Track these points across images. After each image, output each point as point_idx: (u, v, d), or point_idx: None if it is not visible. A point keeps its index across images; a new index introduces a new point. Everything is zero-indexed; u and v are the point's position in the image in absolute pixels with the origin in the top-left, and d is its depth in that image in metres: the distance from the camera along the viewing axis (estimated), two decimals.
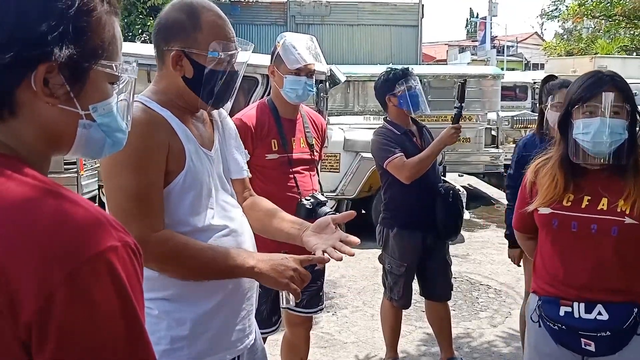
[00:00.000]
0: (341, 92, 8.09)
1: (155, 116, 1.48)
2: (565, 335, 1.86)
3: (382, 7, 20.20)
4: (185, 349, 1.48)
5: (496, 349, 3.80)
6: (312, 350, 3.28)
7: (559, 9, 22.80)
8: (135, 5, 14.63)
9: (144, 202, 1.41)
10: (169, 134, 1.47)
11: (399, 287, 3.30)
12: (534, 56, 33.60)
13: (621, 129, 1.80)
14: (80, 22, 0.78)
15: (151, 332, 1.45)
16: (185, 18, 1.48)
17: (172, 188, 1.46)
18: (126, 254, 0.72)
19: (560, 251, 1.89)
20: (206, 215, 1.51)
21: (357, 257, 5.79)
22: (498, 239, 6.12)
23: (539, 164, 2.01)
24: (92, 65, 0.81)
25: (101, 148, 0.88)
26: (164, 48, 1.50)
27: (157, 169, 1.43)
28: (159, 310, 1.47)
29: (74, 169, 4.45)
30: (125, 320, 0.71)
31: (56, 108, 0.79)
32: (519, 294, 4.48)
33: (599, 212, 1.82)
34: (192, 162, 1.49)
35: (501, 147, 8.66)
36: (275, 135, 2.67)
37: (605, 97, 1.80)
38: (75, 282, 0.67)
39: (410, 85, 3.19)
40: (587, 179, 1.88)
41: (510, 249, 3.29)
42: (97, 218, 0.72)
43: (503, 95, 9.64)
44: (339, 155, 6.38)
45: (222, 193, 1.59)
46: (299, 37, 2.78)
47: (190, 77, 1.49)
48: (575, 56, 20.35)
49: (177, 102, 1.53)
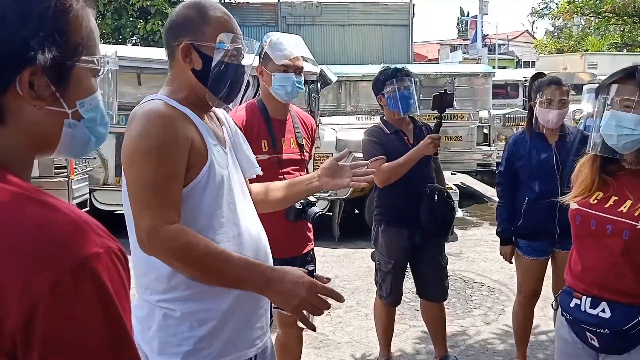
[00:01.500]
0: (333, 92, 8.10)
1: (177, 111, 1.51)
2: (574, 326, 1.90)
3: (373, 7, 20.23)
4: (208, 349, 1.49)
5: (490, 346, 3.81)
6: (306, 350, 3.28)
7: (549, 7, 22.93)
8: (126, 8, 14.57)
9: (159, 193, 1.42)
10: (191, 129, 1.50)
11: (387, 284, 3.32)
12: (525, 54, 33.77)
13: (632, 123, 1.73)
14: (59, 23, 0.78)
15: (173, 334, 1.49)
16: (194, 13, 1.53)
17: (196, 183, 1.48)
18: (109, 259, 0.72)
19: (580, 247, 1.92)
20: (227, 210, 1.53)
21: (351, 257, 5.81)
22: (491, 237, 6.13)
23: (584, 159, 2.00)
24: (74, 62, 0.81)
25: (85, 146, 0.89)
26: (173, 44, 1.55)
27: (178, 162, 1.45)
28: (181, 312, 1.48)
29: (65, 174, 4.43)
30: (109, 328, 0.71)
31: (43, 110, 0.79)
32: (512, 291, 4.49)
33: (618, 213, 1.81)
34: (215, 156, 1.52)
35: (493, 145, 8.70)
36: (265, 136, 2.66)
37: (612, 89, 1.77)
38: (58, 292, 0.67)
39: (398, 86, 3.18)
40: (617, 178, 1.87)
41: (502, 246, 3.30)
42: (79, 225, 0.72)
43: (495, 93, 9.68)
44: (331, 155, 6.36)
45: (239, 189, 1.62)
46: (286, 35, 2.78)
47: (199, 69, 1.53)
48: (566, 53, 20.46)
49: (193, 99, 1.56)
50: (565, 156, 3.07)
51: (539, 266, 3.23)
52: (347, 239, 6.38)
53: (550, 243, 3.15)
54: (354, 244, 6.19)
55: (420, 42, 35.12)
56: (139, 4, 14.28)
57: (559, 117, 3.06)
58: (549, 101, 3.04)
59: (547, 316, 3.90)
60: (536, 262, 3.21)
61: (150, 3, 14.29)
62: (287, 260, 2.70)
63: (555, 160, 3.08)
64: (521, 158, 3.17)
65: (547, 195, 3.06)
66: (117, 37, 15.01)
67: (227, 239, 1.52)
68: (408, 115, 3.27)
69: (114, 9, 14.64)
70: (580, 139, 3.12)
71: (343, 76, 7.85)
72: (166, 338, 1.48)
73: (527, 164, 3.14)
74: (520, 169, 3.17)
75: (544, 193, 3.06)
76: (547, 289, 3.37)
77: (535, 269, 3.22)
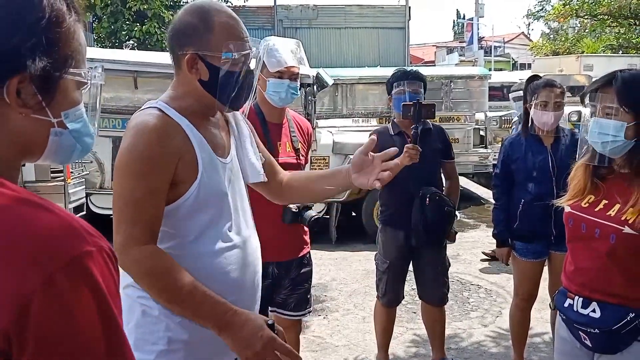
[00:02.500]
0: (329, 95, 8.09)
1: (170, 124, 1.47)
2: (569, 326, 1.95)
3: (369, 9, 20.30)
4: (182, 351, 1.48)
5: (487, 349, 3.81)
6: (303, 353, 3.28)
7: (545, 9, 23.00)
8: (122, 11, 14.58)
9: (136, 209, 1.42)
10: (182, 143, 1.47)
11: (383, 284, 3.34)
12: (521, 56, 33.83)
13: (613, 130, 1.77)
14: (51, 34, 0.79)
15: (150, 332, 1.48)
16: (198, 21, 1.49)
17: (184, 200, 1.46)
18: (102, 258, 0.72)
19: (573, 250, 1.97)
20: (219, 223, 1.51)
21: (348, 260, 5.80)
22: (488, 239, 6.13)
23: (581, 162, 2.02)
24: (62, 74, 0.82)
25: (71, 154, 0.90)
26: (178, 53, 1.51)
27: (161, 177, 1.43)
28: (159, 312, 1.47)
29: (61, 177, 4.42)
30: (103, 324, 0.71)
31: (29, 118, 0.80)
32: (509, 293, 4.49)
33: (606, 217, 1.83)
34: (206, 171, 1.49)
35: (490, 147, 8.70)
36: (261, 140, 2.65)
37: (595, 98, 1.81)
38: (51, 289, 0.67)
39: (402, 89, 3.19)
40: (607, 182, 1.89)
41: (499, 248, 3.30)
42: (70, 224, 0.73)
43: (491, 95, 9.67)
44: (328, 158, 6.39)
45: (237, 200, 1.59)
46: (283, 41, 2.78)
47: (206, 79, 1.50)
48: (562, 55, 20.53)
49: (196, 107, 1.53)
50: (560, 158, 3.08)
51: (535, 268, 3.23)
52: (344, 241, 6.37)
53: (547, 245, 3.16)
54: (351, 247, 6.19)
55: (417, 45, 35.21)
56: (136, 7, 14.29)
57: (554, 119, 3.07)
58: (545, 103, 3.05)
59: (543, 318, 3.90)
60: (533, 264, 3.21)
61: (147, 7, 14.30)
62: (283, 263, 2.71)
63: (551, 162, 3.09)
64: (517, 160, 3.18)
65: (542, 197, 3.07)
66: (113, 41, 15.02)
67: (215, 254, 1.50)
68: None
69: (111, 13, 14.65)
70: (574, 142, 3.13)
71: (339, 79, 7.85)
72: (143, 335, 1.48)
73: (523, 166, 3.15)
74: (516, 171, 3.18)
75: (540, 195, 3.07)
76: (544, 291, 3.37)
77: (531, 271, 3.23)
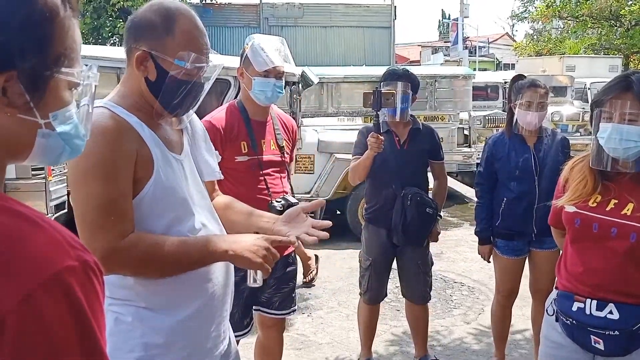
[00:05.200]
0: (315, 93, 8.09)
1: (121, 123, 1.43)
2: (576, 330, 1.89)
3: (354, 8, 20.31)
4: (160, 356, 1.45)
5: (469, 346, 3.84)
6: (287, 351, 3.27)
7: (528, 10, 23.21)
8: (105, 8, 14.44)
9: (112, 212, 1.37)
10: (136, 141, 1.43)
11: (365, 281, 3.36)
12: (505, 56, 34.10)
13: (636, 136, 1.77)
14: (43, 30, 0.75)
15: (123, 340, 1.45)
16: (160, 20, 1.43)
17: (143, 196, 1.43)
18: (84, 273, 0.69)
19: (580, 250, 1.92)
20: (183, 221, 1.48)
21: (332, 258, 5.81)
22: (471, 237, 6.15)
23: (576, 162, 2.01)
24: (53, 73, 0.77)
25: (59, 156, 0.85)
26: (132, 46, 1.46)
27: (126, 178, 1.40)
28: (132, 318, 1.44)
29: (42, 175, 4.35)
30: (82, 343, 0.68)
31: (15, 118, 0.75)
32: (491, 290, 4.52)
33: (622, 216, 1.83)
34: (161, 168, 1.46)
35: (474, 147, 8.77)
36: (244, 137, 2.66)
37: (615, 104, 1.79)
38: (29, 306, 0.64)
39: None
40: (616, 182, 1.89)
41: (480, 246, 3.33)
42: (53, 237, 0.70)
43: (475, 95, 9.74)
44: (313, 156, 6.39)
45: (196, 196, 1.56)
46: (268, 39, 2.77)
47: (152, 80, 1.46)
48: (545, 56, 20.73)
49: (142, 104, 1.49)
50: (543, 157, 3.11)
51: (516, 265, 3.27)
52: (328, 240, 6.34)
53: (527, 243, 3.20)
54: (335, 245, 6.19)
55: (402, 44, 35.29)
56: (120, 4, 14.15)
57: (538, 119, 3.10)
58: (529, 103, 3.08)
59: (524, 315, 3.94)
60: (514, 261, 3.25)
61: (130, 3, 14.16)
62: None
63: (534, 161, 3.12)
64: (500, 159, 3.20)
65: (525, 195, 3.11)
66: (96, 37, 14.86)
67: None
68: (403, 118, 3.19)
69: (93, 9, 14.50)
70: (561, 142, 3.16)
71: (325, 78, 7.86)
72: (117, 344, 1.42)
73: (506, 165, 3.18)
74: (499, 169, 3.21)
75: (522, 194, 3.11)
76: (524, 288, 3.41)
77: (512, 268, 3.26)
